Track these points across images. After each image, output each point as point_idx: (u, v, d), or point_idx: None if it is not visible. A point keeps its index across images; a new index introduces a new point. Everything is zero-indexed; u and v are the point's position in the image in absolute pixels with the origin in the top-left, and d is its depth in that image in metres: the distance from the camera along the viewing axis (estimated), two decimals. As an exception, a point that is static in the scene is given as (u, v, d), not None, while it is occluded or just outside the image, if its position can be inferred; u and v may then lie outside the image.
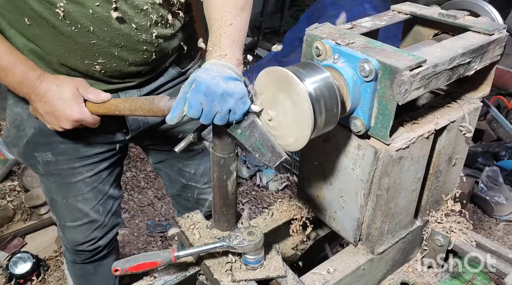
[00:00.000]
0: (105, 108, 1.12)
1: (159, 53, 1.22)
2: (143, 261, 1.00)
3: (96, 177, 1.41)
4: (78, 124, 1.14)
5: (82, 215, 1.45)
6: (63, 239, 1.54)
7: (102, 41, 1.10)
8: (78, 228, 1.47)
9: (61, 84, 1.10)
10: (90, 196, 1.42)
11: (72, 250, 1.56)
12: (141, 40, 1.14)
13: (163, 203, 2.94)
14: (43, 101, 1.10)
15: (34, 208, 2.56)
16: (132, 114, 1.09)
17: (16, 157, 1.39)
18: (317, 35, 0.97)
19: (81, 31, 1.07)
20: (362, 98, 0.91)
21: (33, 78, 1.09)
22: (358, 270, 1.09)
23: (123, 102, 1.10)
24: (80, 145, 1.31)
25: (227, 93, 0.87)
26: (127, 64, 1.18)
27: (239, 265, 1.04)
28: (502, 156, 3.03)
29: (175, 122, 0.93)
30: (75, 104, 1.10)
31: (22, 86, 1.09)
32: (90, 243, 1.51)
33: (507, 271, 1.11)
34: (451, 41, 0.99)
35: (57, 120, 1.12)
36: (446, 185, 1.18)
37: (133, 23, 1.10)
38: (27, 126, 1.27)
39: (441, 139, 1.04)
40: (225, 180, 1.03)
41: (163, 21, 1.16)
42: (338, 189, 1.09)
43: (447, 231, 1.18)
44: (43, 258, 2.42)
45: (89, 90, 1.13)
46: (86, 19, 1.05)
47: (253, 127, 0.89)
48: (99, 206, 1.46)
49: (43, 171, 1.36)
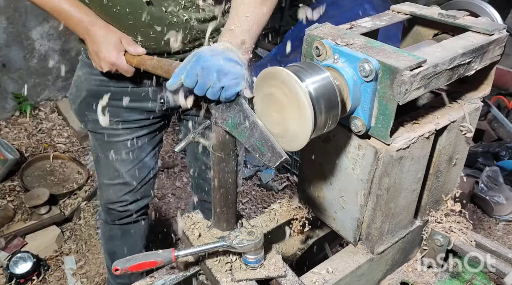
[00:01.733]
0: (137, 61, 1.26)
1: (195, 35, 1.33)
2: (143, 261, 1.00)
3: (134, 141, 1.55)
4: (114, 69, 1.29)
5: (117, 175, 1.59)
6: (100, 196, 1.72)
7: (138, 22, 1.25)
8: (113, 187, 1.62)
9: (109, 32, 1.27)
10: (127, 158, 1.57)
11: (105, 208, 1.70)
12: (173, 23, 1.26)
13: (163, 203, 2.94)
14: (92, 42, 1.27)
15: (34, 208, 2.56)
16: (154, 72, 1.19)
17: (73, 113, 1.60)
18: (317, 35, 0.97)
19: (121, 12, 1.23)
20: (362, 98, 0.91)
21: (86, 22, 1.26)
22: (358, 269, 1.09)
23: (151, 59, 1.22)
24: (124, 109, 1.47)
25: (223, 72, 0.93)
26: (163, 43, 1.30)
27: (239, 265, 1.04)
28: (503, 156, 3.03)
29: (173, 88, 0.99)
30: (115, 50, 1.26)
31: (79, 28, 1.28)
32: (121, 204, 1.65)
33: (507, 271, 1.11)
34: (451, 41, 0.99)
35: (99, 60, 1.28)
36: (446, 185, 1.18)
37: (162, 7, 1.22)
38: (83, 88, 1.47)
39: (442, 139, 1.04)
40: (225, 180, 1.03)
41: (193, 5, 1.26)
42: (338, 189, 1.09)
43: (447, 231, 1.18)
44: (43, 258, 2.42)
45: (130, 43, 1.28)
46: (124, 2, 1.21)
47: (253, 127, 0.89)
48: (134, 171, 1.59)
49: (91, 129, 1.55)
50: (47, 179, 2.94)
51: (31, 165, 2.99)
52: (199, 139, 1.06)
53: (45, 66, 3.60)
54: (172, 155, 3.36)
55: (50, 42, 3.53)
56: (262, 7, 1.14)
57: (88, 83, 1.45)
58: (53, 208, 2.62)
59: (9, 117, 3.56)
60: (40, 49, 3.51)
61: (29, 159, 3.04)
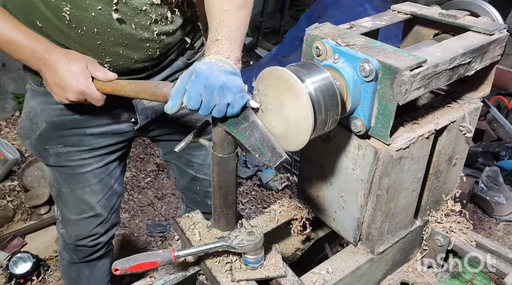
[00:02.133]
0: (112, 88, 1.15)
1: (163, 49, 1.27)
2: (143, 261, 1.00)
3: (104, 169, 1.46)
4: (83, 98, 1.15)
5: (88, 208, 1.49)
6: (65, 234, 1.57)
7: (107, 41, 1.15)
8: (83, 221, 1.51)
9: (71, 58, 1.14)
10: (97, 188, 1.47)
11: (73, 246, 1.58)
12: (144, 38, 1.19)
13: (163, 203, 2.94)
14: (52, 72, 1.13)
15: (34, 208, 2.56)
16: (136, 97, 1.11)
17: (28, 149, 1.46)
18: (317, 35, 0.97)
19: (87, 33, 1.13)
20: (362, 98, 0.91)
21: (41, 51, 1.12)
22: (358, 270, 1.09)
23: (129, 84, 1.13)
24: (91, 136, 1.37)
25: (226, 87, 0.89)
26: (133, 61, 1.23)
27: (239, 265, 1.04)
28: (502, 156, 3.03)
29: (174, 111, 0.94)
30: (82, 77, 1.13)
31: (32, 59, 1.14)
32: (92, 237, 1.55)
33: (507, 271, 1.11)
34: (451, 41, 0.99)
35: (63, 91, 1.14)
36: (446, 185, 1.18)
37: (133, 23, 1.15)
38: (39, 120, 1.33)
39: (441, 139, 1.04)
40: (225, 180, 1.03)
41: (163, 19, 1.20)
42: (338, 189, 1.09)
43: (447, 231, 1.18)
44: (43, 258, 2.42)
45: (97, 68, 1.16)
46: (90, 22, 1.10)
47: (253, 127, 0.89)
48: (104, 200, 1.51)
49: (53, 163, 1.41)
50: (47, 179, 2.94)
51: (31, 165, 2.99)
52: (198, 140, 1.06)
53: (45, 66, 3.59)
54: (172, 155, 3.36)
55: (50, 42, 3.53)
56: (242, 10, 1.09)
57: (47, 114, 1.31)
58: (53, 208, 2.62)
59: (9, 117, 3.56)
60: (40, 49, 3.51)
61: (29, 159, 3.03)
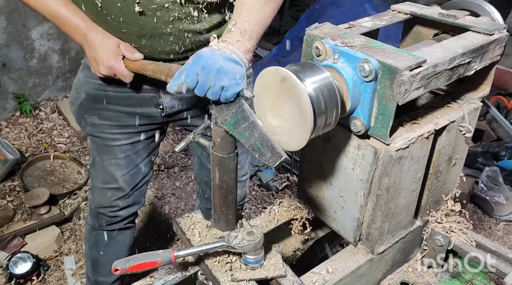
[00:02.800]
0: (137, 66, 1.26)
1: (190, 45, 1.31)
2: (143, 261, 1.00)
3: (131, 146, 1.55)
4: (112, 73, 1.28)
5: (112, 180, 1.59)
6: (91, 200, 1.69)
7: (131, 31, 1.25)
8: (106, 191, 1.61)
9: (106, 37, 1.27)
10: (123, 162, 1.56)
11: (95, 212, 1.68)
12: (166, 33, 1.25)
13: (163, 203, 2.94)
14: (90, 47, 1.28)
15: (34, 208, 2.56)
16: (153, 76, 1.20)
17: (72, 114, 1.61)
18: (317, 35, 0.97)
19: (115, 20, 1.22)
20: (362, 98, 0.91)
21: (83, 27, 1.26)
22: (358, 270, 1.09)
23: (150, 64, 1.23)
24: (122, 114, 1.48)
25: (223, 71, 0.94)
26: (157, 52, 1.30)
27: (239, 265, 1.04)
28: (502, 156, 3.03)
29: (173, 90, 1.01)
30: (112, 55, 1.26)
31: (76, 34, 1.28)
32: (112, 209, 1.65)
33: (507, 271, 1.11)
34: (451, 41, 0.99)
35: (97, 65, 1.28)
36: (446, 185, 1.18)
37: (155, 17, 1.21)
38: (81, 91, 1.48)
39: (441, 139, 1.04)
40: (225, 180, 1.03)
41: (188, 17, 1.24)
42: (338, 189, 1.09)
43: (447, 231, 1.18)
44: (43, 258, 2.42)
45: (127, 48, 1.28)
46: (117, 11, 1.20)
47: (253, 127, 0.89)
48: (128, 176, 1.59)
49: (89, 132, 1.55)
50: (47, 179, 2.94)
51: (31, 165, 2.99)
52: (199, 140, 1.06)
53: (45, 66, 3.60)
54: (172, 155, 3.36)
55: (50, 42, 3.54)
56: (265, 7, 1.13)
57: (87, 86, 1.46)
58: (53, 208, 2.62)
59: (9, 117, 3.56)
60: (40, 49, 3.51)
61: (30, 159, 3.04)
